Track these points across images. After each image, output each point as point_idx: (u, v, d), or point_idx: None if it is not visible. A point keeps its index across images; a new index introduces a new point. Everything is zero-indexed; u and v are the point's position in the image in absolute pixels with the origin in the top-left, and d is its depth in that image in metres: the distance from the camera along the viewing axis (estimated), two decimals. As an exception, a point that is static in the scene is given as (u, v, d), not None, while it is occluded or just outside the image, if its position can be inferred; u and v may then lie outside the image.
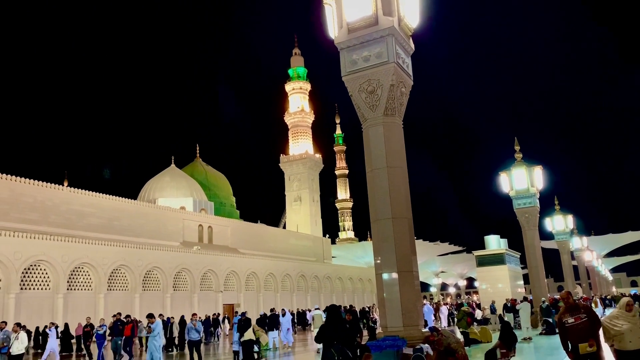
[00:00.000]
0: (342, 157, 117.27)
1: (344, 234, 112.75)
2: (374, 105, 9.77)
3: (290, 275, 57.68)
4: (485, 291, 41.77)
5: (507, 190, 27.43)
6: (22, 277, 32.04)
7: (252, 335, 18.22)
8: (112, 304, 36.72)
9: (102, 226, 42.49)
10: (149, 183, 62.70)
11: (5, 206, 35.89)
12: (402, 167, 9.82)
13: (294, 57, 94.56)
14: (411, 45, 10.55)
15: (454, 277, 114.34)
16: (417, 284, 9.74)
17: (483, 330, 20.99)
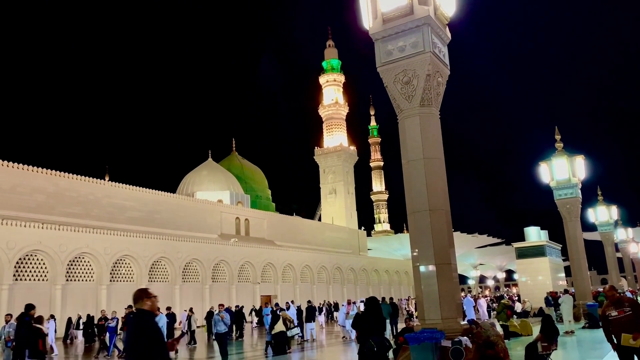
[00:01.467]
0: (377, 149, 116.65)
1: (379, 226, 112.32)
2: (409, 96, 9.67)
3: (326, 268, 57.90)
4: (525, 284, 40.99)
5: (548, 181, 26.74)
6: (67, 269, 33.16)
7: (282, 327, 18.40)
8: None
9: (142, 219, 43.55)
10: (187, 177, 63.89)
11: (51, 201, 37.17)
12: (439, 158, 9.70)
13: (327, 50, 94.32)
14: (447, 34, 10.38)
15: (492, 270, 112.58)
16: (456, 276, 9.63)
17: (523, 323, 20.63)
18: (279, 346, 18.29)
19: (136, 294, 5.12)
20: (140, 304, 5.03)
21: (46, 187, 37.16)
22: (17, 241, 30.31)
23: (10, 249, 29.84)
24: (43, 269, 32.19)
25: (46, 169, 37.59)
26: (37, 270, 31.94)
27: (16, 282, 30.30)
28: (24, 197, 35.50)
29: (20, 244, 30.47)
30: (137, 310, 5.03)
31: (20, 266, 31.01)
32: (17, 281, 30.40)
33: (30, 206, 35.61)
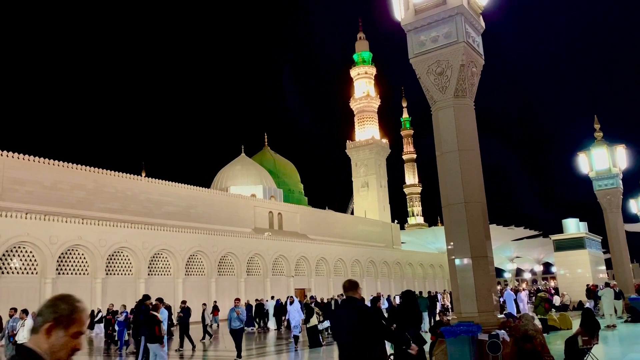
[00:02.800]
0: (409, 141, 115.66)
1: (413, 220, 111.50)
2: (443, 87, 9.55)
3: (359, 261, 57.87)
4: (564, 277, 40.12)
5: (587, 172, 26.06)
6: (107, 263, 34.06)
7: (316, 320, 18.49)
8: (190, 288, 38.38)
9: (178, 214, 44.36)
10: (221, 172, 64.73)
11: (90, 196, 38.21)
12: (474, 149, 9.56)
13: (358, 42, 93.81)
14: (481, 23, 10.20)
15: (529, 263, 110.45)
16: (492, 269, 9.50)
17: (562, 317, 20.24)
18: (313, 339, 18.40)
19: (350, 284, 5.91)
20: (352, 292, 5.84)
21: (86, 183, 38.21)
22: (59, 236, 31.29)
23: (52, 244, 30.83)
24: (84, 263, 33.16)
25: (85, 166, 38.66)
26: (78, 264, 32.91)
27: (59, 276, 31.30)
28: (64, 194, 36.59)
29: (62, 239, 31.44)
30: (349, 298, 5.84)
31: (63, 260, 32.01)
32: (59, 275, 31.40)
33: (70, 202, 36.68)
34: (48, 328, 2.30)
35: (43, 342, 2.29)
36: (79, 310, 2.39)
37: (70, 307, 2.37)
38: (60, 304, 2.36)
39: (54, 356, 2.29)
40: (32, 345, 2.30)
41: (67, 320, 2.33)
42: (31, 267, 30.45)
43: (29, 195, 34.44)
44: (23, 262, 30.19)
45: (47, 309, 2.36)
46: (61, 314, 2.33)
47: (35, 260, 30.60)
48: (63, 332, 2.31)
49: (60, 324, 2.32)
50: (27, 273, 30.25)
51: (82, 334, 2.37)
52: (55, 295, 2.45)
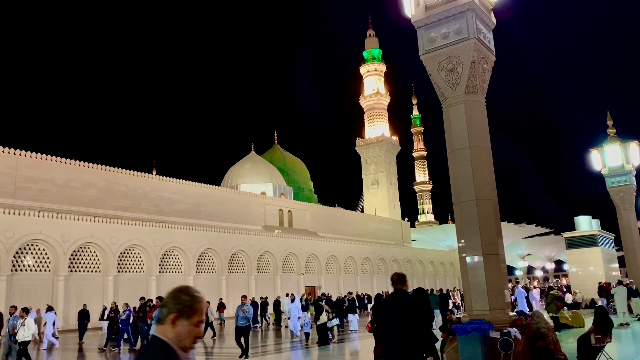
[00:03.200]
0: (419, 138, 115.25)
1: (423, 217, 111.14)
2: (454, 84, 9.51)
3: (369, 259, 57.81)
4: (576, 274, 39.80)
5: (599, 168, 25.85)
6: (118, 260, 34.30)
7: (326, 318, 18.51)
8: (201, 286, 38.50)
9: (189, 212, 44.56)
10: (231, 170, 64.94)
11: (102, 195, 38.50)
12: (485, 146, 9.51)
13: (368, 39, 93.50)
14: (492, 19, 10.14)
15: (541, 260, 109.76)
16: (504, 267, 9.46)
17: (574, 315, 20.09)
18: (322, 337, 18.41)
19: (399, 277, 6.36)
20: (401, 285, 6.30)
21: (97, 181, 38.49)
22: (71, 234, 31.55)
23: (65, 242, 31.11)
24: (96, 261, 33.41)
25: (97, 164, 38.95)
26: (90, 262, 33.17)
27: (71, 274, 31.57)
28: (76, 192, 36.89)
29: (74, 237, 31.70)
30: (399, 290, 6.29)
31: (75, 258, 32.27)
32: (72, 272, 31.67)
33: (82, 200, 36.97)
34: (173, 318, 2.46)
35: (170, 332, 2.45)
36: (199, 301, 2.54)
37: (191, 298, 2.52)
38: (181, 295, 2.52)
39: (180, 344, 2.46)
40: (160, 334, 2.46)
41: (189, 311, 2.49)
42: (44, 265, 30.75)
43: (41, 193, 34.76)
44: (36, 259, 30.49)
45: (170, 300, 2.51)
46: (184, 304, 2.49)
47: (48, 258, 30.89)
48: (187, 321, 2.48)
49: (184, 314, 2.47)
50: (40, 270, 30.54)
51: (202, 322, 2.53)
52: (176, 287, 2.59)
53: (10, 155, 33.84)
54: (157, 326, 2.48)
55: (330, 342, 18.39)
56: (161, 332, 2.45)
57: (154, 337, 2.48)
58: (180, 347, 2.46)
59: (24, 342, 14.04)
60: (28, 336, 14.16)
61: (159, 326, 2.47)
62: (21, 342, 13.99)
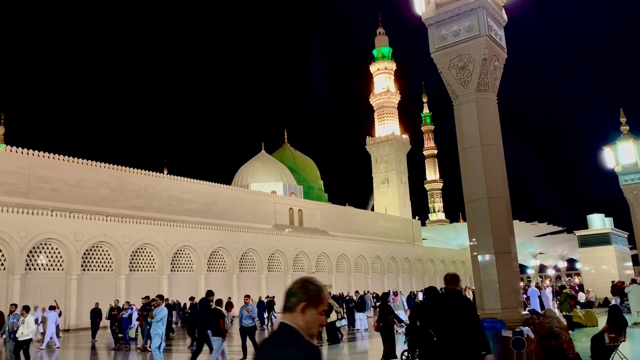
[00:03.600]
0: (430, 136, 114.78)
1: (434, 216, 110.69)
2: (465, 81, 9.45)
3: (380, 257, 57.71)
4: (589, 273, 39.51)
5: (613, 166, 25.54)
6: (130, 259, 34.53)
7: (335, 317, 18.50)
8: (212, 284, 38.63)
9: (200, 211, 44.76)
10: (241, 169, 65.14)
11: (114, 194, 38.77)
12: (497, 144, 9.45)
13: (378, 37, 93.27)
14: (504, 16, 10.07)
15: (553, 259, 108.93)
16: (516, 265, 9.40)
17: (587, 314, 19.92)
18: (332, 335, 18.41)
19: (452, 278, 6.50)
20: (454, 285, 6.46)
21: (109, 181, 38.77)
22: (84, 233, 31.81)
23: (77, 241, 31.37)
24: (108, 260, 33.67)
25: (109, 164, 39.23)
26: (102, 260, 33.44)
27: (84, 272, 31.84)
28: (89, 191, 37.18)
29: (87, 236, 31.96)
30: (453, 290, 6.44)
31: (87, 257, 32.54)
32: (84, 271, 31.94)
33: (94, 200, 37.26)
34: (303, 307, 2.60)
35: (299, 320, 2.60)
36: (323, 291, 2.69)
37: (317, 287, 2.66)
38: (309, 285, 2.66)
39: (309, 331, 2.59)
40: (289, 321, 2.60)
41: (316, 300, 2.63)
42: (57, 264, 31.03)
43: (54, 193, 35.07)
44: (49, 258, 30.78)
45: (298, 290, 2.65)
46: (311, 294, 2.63)
47: (60, 257, 31.17)
48: (315, 310, 2.62)
49: (312, 303, 2.62)
50: (53, 269, 30.83)
51: (325, 311, 2.67)
52: (301, 278, 2.73)
53: (24, 156, 34.17)
54: (285, 314, 2.61)
55: (340, 341, 18.38)
56: (291, 320, 2.58)
57: (283, 324, 2.61)
58: (309, 334, 2.59)
59: (24, 340, 13.82)
60: (28, 334, 13.94)
61: (287, 314, 2.60)
62: (22, 341, 13.76)
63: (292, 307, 2.61)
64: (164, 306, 13.81)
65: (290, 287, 2.69)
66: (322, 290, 2.68)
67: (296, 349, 2.51)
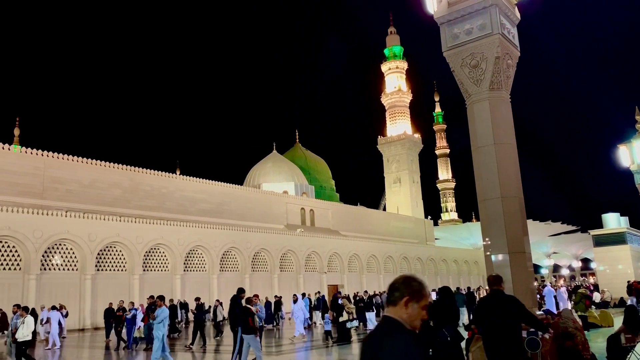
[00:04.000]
0: (442, 136, 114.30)
1: (446, 215, 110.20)
2: (478, 80, 9.40)
3: (392, 258, 57.57)
4: (604, 273, 39.10)
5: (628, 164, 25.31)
6: (143, 259, 34.77)
7: (345, 316, 18.46)
8: (225, 284, 38.87)
9: (212, 211, 44.95)
10: (253, 169, 65.29)
11: (127, 194, 39.07)
12: (511, 143, 9.38)
13: (389, 36, 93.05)
14: (517, 14, 10.00)
15: (567, 259, 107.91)
16: (530, 265, 9.32)
17: (603, 314, 19.72)
18: (342, 335, 18.37)
19: (495, 279, 6.62)
20: (498, 286, 6.57)
21: (122, 181, 39.07)
22: (98, 234, 32.09)
23: (91, 241, 31.65)
24: (122, 260, 33.93)
25: (122, 165, 39.54)
26: (116, 261, 33.70)
27: (98, 273, 32.11)
28: (102, 192, 37.50)
29: (101, 237, 32.23)
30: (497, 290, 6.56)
31: (101, 257, 32.82)
32: (98, 271, 32.21)
33: (108, 200, 37.57)
34: (406, 301, 2.78)
35: (403, 313, 2.78)
36: (424, 287, 2.88)
37: (419, 284, 2.86)
38: (412, 281, 2.86)
39: (411, 324, 2.77)
40: (393, 315, 2.79)
41: (418, 295, 2.81)
42: (71, 264, 31.32)
43: (68, 193, 35.41)
44: (64, 258, 31.09)
45: (401, 285, 2.85)
46: (414, 289, 2.82)
47: (75, 257, 31.46)
48: (417, 304, 2.80)
49: (414, 297, 2.80)
50: (68, 269, 31.13)
51: (427, 306, 2.83)
52: (404, 275, 2.93)
53: (38, 157, 34.55)
54: (389, 308, 2.80)
55: (350, 342, 18.33)
56: (394, 313, 2.76)
57: (388, 317, 2.79)
58: (411, 327, 2.77)
59: (24, 341, 13.61)
60: (28, 335, 13.71)
61: (391, 308, 2.79)
62: (21, 342, 13.57)
63: (396, 301, 2.79)
64: (165, 307, 13.84)
65: (394, 282, 2.88)
66: (424, 287, 2.85)
67: (402, 339, 2.68)
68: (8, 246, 28.74)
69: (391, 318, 2.77)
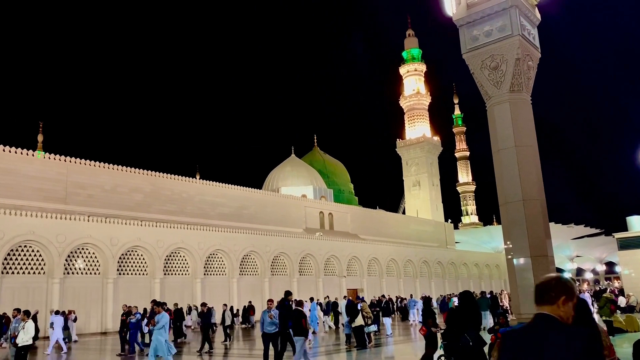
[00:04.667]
0: (462, 138, 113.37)
1: (467, 219, 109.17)
2: (498, 82, 9.31)
3: (412, 261, 57.21)
4: (629, 277, 38.30)
5: (653, 166, 24.76)
6: (164, 263, 35.09)
7: (362, 320, 18.34)
8: (244, 288, 39.04)
9: (231, 215, 45.21)
10: (272, 173, 65.52)
11: (148, 199, 39.50)
12: (532, 145, 9.27)
13: (407, 39, 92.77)
14: (537, 15, 9.89)
15: (590, 262, 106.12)
16: (553, 268, 9.18)
17: (629, 319, 19.32)
18: (360, 339, 18.28)
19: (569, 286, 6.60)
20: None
21: (144, 186, 39.52)
22: (119, 238, 32.48)
23: (113, 245, 32.05)
24: (143, 264, 34.28)
25: (143, 170, 39.99)
26: (137, 265, 34.07)
27: (119, 276, 32.49)
28: (124, 197, 37.98)
29: (122, 241, 32.62)
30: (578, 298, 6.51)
31: (123, 261, 33.21)
32: (120, 275, 32.59)
33: (129, 205, 38.02)
34: (563, 300, 3.02)
35: (560, 311, 3.01)
36: (575, 287, 3.13)
37: (571, 285, 3.10)
38: (565, 282, 3.10)
39: (567, 321, 3.01)
40: (550, 312, 3.02)
41: (571, 294, 3.06)
42: (94, 268, 31.75)
43: (90, 198, 35.94)
44: (86, 262, 31.52)
45: (557, 285, 3.08)
46: (568, 289, 3.06)
47: (97, 261, 31.89)
48: (570, 302, 3.04)
49: (570, 297, 3.04)
50: (90, 273, 31.56)
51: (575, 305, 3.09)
52: (556, 275, 3.17)
53: (61, 163, 35.13)
54: (544, 306, 3.03)
55: (368, 346, 18.21)
56: (550, 311, 2.99)
57: (545, 315, 3.01)
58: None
59: (24, 346, 13.32)
60: (28, 340, 13.41)
61: (547, 306, 3.02)
62: (21, 347, 13.27)
63: (553, 300, 3.02)
64: (165, 313, 13.73)
65: (545, 282, 3.11)
66: (574, 287, 3.10)
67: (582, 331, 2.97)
68: (32, 250, 29.26)
69: (549, 315, 3.00)
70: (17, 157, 33.04)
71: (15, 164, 32.76)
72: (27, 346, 13.48)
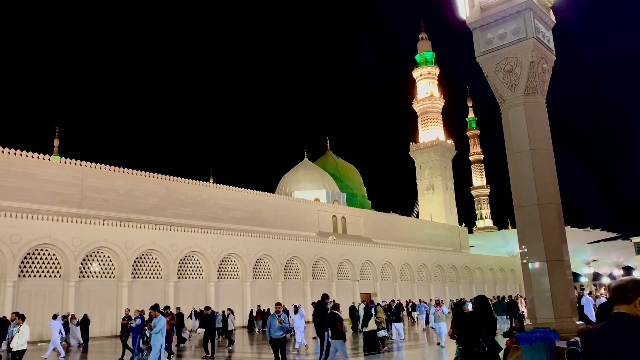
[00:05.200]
0: (476, 141, 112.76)
1: (481, 223, 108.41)
2: (512, 85, 9.26)
3: (426, 265, 56.92)
4: (647, 282, 37.73)
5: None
6: (178, 267, 35.28)
7: (374, 325, 18.26)
8: (257, 292, 39.11)
9: (245, 219, 45.36)
10: (285, 177, 65.66)
11: (162, 203, 39.78)
12: (547, 149, 9.18)
13: (420, 42, 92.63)
14: (552, 17, 9.81)
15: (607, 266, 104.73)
16: (569, 273, 9.06)
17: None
18: (371, 344, 18.19)
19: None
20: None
21: (158, 190, 39.82)
22: (134, 242, 32.75)
23: (128, 249, 32.32)
24: (157, 267, 34.51)
25: (157, 174, 40.31)
26: (151, 268, 34.30)
27: (134, 280, 32.73)
28: (138, 201, 38.29)
29: (137, 244, 32.88)
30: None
31: (137, 265, 33.46)
32: (134, 279, 32.84)
33: (144, 209, 38.32)
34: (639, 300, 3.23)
35: (637, 310, 3.21)
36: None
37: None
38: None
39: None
40: (627, 311, 3.22)
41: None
42: (109, 271, 32.03)
43: (105, 202, 36.28)
44: (101, 266, 31.81)
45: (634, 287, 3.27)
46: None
47: (112, 265, 32.17)
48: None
49: None
50: (105, 277, 31.84)
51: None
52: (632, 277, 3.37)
53: (77, 167, 35.52)
54: (621, 306, 3.22)
55: (380, 351, 18.10)
56: (628, 310, 3.19)
57: (623, 314, 3.20)
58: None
59: (19, 351, 13.13)
60: (23, 344, 13.19)
61: (624, 305, 3.22)
62: (16, 351, 13.09)
63: (630, 300, 3.21)
64: (161, 317, 13.66)
65: (623, 284, 3.32)
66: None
67: None
68: (48, 254, 29.60)
69: (627, 314, 3.20)
70: (33, 162, 33.46)
71: (31, 169, 33.19)
72: (22, 351, 13.24)
